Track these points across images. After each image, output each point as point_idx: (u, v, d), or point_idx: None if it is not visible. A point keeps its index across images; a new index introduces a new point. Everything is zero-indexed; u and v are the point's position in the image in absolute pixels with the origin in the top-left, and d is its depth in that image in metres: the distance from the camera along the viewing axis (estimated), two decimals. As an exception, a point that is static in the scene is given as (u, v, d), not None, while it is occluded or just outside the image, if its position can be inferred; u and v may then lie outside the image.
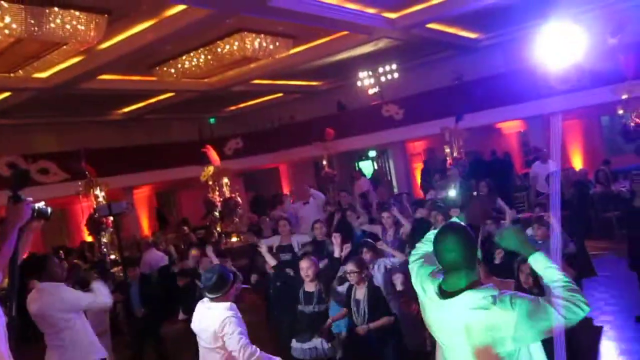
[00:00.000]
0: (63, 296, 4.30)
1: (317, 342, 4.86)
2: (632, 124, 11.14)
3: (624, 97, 11.18)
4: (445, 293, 2.33)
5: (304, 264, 4.92)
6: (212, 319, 3.60)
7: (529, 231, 5.84)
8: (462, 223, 2.56)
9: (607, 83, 11.43)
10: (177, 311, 6.71)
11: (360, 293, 4.75)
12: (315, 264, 5.00)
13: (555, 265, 2.29)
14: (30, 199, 2.77)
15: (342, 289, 5.25)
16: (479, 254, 2.44)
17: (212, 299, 3.68)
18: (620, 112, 11.60)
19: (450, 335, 2.34)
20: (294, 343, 4.98)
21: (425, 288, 2.44)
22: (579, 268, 6.03)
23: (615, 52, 11.50)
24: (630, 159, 11.46)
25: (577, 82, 11.77)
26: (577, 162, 14.70)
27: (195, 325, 3.77)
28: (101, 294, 4.64)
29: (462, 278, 2.30)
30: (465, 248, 2.30)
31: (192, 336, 3.91)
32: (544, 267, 2.31)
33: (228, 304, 3.67)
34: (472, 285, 2.28)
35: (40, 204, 2.86)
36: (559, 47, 10.43)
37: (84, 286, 5.06)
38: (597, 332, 6.03)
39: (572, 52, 10.38)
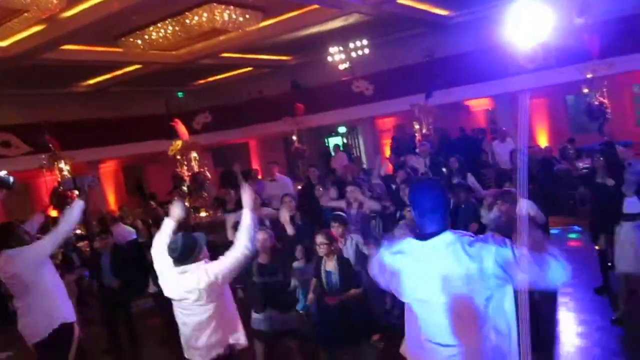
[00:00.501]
0: (29, 252, 4.38)
1: (270, 313, 4.95)
2: (597, 103, 11.38)
3: (589, 76, 11.39)
4: (425, 235, 2.43)
5: (259, 236, 4.96)
6: (194, 280, 3.51)
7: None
8: None
9: (573, 62, 11.62)
10: (147, 285, 6.65)
11: (331, 265, 4.81)
12: (271, 237, 5.06)
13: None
14: (-8, 167, 2.70)
15: (297, 264, 5.36)
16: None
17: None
18: (585, 91, 11.82)
19: (429, 285, 2.37)
20: (253, 314, 5.07)
21: (402, 248, 2.51)
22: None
23: (581, 31, 11.67)
24: (594, 138, 11.73)
25: (544, 61, 11.95)
26: (543, 140, 14.98)
27: (173, 291, 3.66)
28: (68, 217, 4.60)
29: (438, 221, 2.42)
30: (440, 195, 2.48)
31: (161, 313, 3.86)
32: None
33: (199, 262, 3.60)
34: (447, 228, 2.42)
35: (2, 173, 2.79)
36: (527, 26, 10.57)
37: None
38: (554, 299, 6.27)
39: (539, 31, 10.54)
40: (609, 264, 5.94)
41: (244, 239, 3.68)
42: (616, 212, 5.49)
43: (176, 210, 4.10)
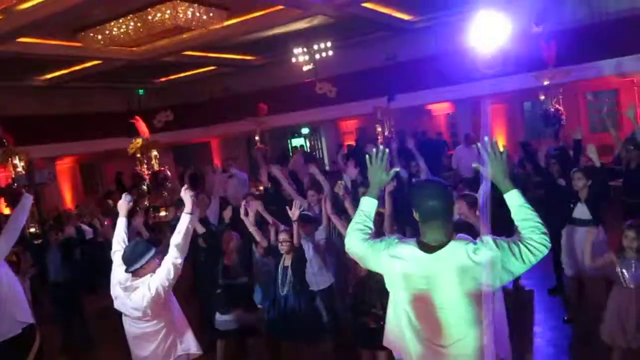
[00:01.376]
0: None
1: (236, 313, 4.97)
2: (552, 109, 11.73)
3: (546, 83, 11.73)
4: (429, 247, 2.39)
5: (225, 238, 4.98)
6: (139, 297, 3.45)
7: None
8: None
9: (531, 69, 11.95)
10: (100, 284, 6.52)
11: (289, 261, 4.85)
12: (236, 238, 5.08)
13: (528, 205, 2.42)
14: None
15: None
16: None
17: (133, 273, 3.53)
18: (542, 97, 12.17)
19: (433, 292, 2.37)
20: (217, 315, 5.08)
21: (399, 254, 2.45)
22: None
23: (539, 40, 12.01)
24: (549, 143, 12.07)
25: (502, 68, 12.25)
26: (500, 144, 15.34)
27: (120, 305, 3.62)
28: (19, 213, 4.51)
29: (440, 228, 2.40)
30: (445, 198, 2.45)
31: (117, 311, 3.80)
32: (518, 204, 2.42)
33: (147, 276, 3.54)
34: (450, 237, 2.40)
35: None
36: (487, 33, 10.83)
37: None
38: (530, 297, 6.54)
39: (498, 38, 10.81)
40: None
41: (179, 244, 3.61)
42: (565, 214, 5.68)
43: (122, 205, 4.05)
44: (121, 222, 4.00)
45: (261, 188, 11.06)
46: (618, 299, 4.15)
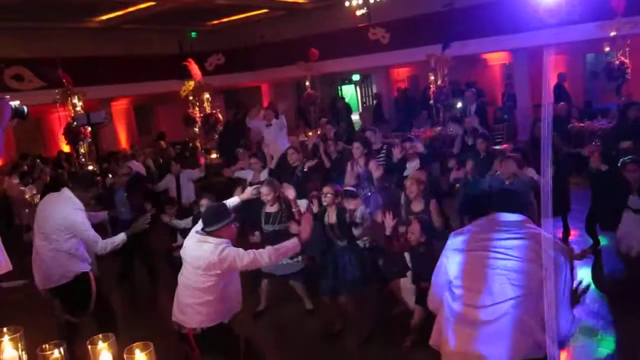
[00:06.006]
0: (74, 216, 4.38)
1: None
2: (617, 62, 11.13)
3: (612, 34, 11.10)
4: None
5: (264, 190, 5.14)
6: (208, 251, 3.50)
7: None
8: None
9: (596, 19, 11.31)
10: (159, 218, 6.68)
11: (333, 217, 4.99)
12: (275, 191, 5.27)
13: None
14: (8, 97, 2.73)
15: None
16: None
17: (208, 232, 3.59)
18: (607, 49, 11.54)
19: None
20: None
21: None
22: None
23: (608, -13, 11.30)
24: (610, 98, 11.56)
25: (566, 16, 11.65)
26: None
27: (186, 252, 3.68)
28: (106, 243, 4.58)
29: None
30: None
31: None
32: None
33: (222, 239, 3.58)
34: None
35: (16, 103, 2.80)
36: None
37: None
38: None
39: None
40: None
41: (270, 257, 3.70)
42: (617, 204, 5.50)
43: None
44: (234, 201, 4.31)
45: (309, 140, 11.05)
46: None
